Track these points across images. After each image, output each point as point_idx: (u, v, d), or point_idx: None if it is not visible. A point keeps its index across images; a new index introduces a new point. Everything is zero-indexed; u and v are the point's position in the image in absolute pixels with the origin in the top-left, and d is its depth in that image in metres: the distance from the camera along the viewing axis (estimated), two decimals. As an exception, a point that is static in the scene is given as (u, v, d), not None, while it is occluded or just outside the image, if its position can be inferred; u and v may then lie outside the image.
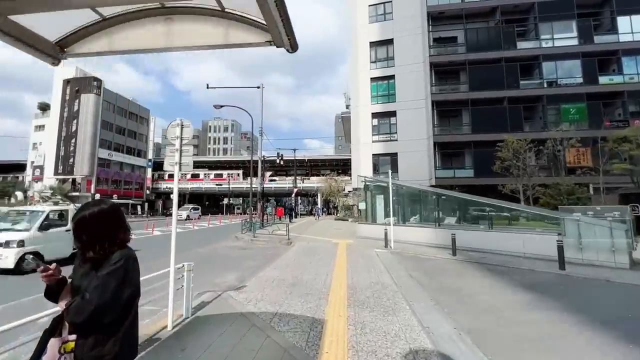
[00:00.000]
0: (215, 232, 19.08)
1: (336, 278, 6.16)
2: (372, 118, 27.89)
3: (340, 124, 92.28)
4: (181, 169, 3.94)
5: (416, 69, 26.97)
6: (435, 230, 10.29)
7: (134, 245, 3.43)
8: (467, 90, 24.99)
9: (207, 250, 10.77)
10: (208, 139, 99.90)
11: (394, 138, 27.15)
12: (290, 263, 7.92)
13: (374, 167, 27.27)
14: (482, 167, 23.40)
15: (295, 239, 13.23)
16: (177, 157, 3.85)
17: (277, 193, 57.30)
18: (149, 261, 8.02)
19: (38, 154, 44.18)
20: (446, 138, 25.28)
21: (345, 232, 16.82)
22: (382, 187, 13.34)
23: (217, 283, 6.32)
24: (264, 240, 12.88)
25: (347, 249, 10.27)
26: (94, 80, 42.48)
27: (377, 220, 12.58)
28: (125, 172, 47.53)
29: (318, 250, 10.01)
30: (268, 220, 24.46)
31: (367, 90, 28.35)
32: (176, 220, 3.90)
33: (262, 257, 9.42)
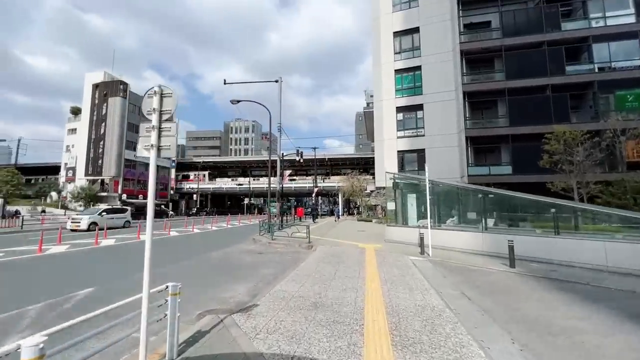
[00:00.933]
0: (232, 233, 18.35)
1: (370, 296, 4.90)
2: (396, 112, 26.21)
3: (361, 122, 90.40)
4: (160, 154, 2.88)
5: (445, 58, 24.99)
6: (481, 234, 8.71)
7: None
8: (504, 79, 22.72)
9: (220, 255, 9.86)
10: (230, 140, 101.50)
11: (420, 133, 25.32)
12: (312, 273, 6.74)
13: (400, 165, 25.59)
14: (522, 163, 21.12)
15: (316, 242, 12.06)
16: (154, 138, 2.78)
17: (298, 193, 56.64)
18: (163, 266, 7.14)
19: (70, 156, 46.23)
20: (480, 132, 23.13)
21: (370, 234, 15.45)
22: (413, 185, 11.88)
23: (224, 299, 5.26)
24: (283, 243, 11.82)
25: (376, 255, 8.95)
26: (120, 83, 43.78)
27: (409, 222, 11.13)
28: (150, 173, 48.66)
29: (343, 257, 8.77)
30: (287, 220, 23.51)
31: (391, 83, 26.71)
32: (151, 227, 2.82)
33: (280, 264, 8.34)
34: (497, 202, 9.23)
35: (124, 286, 5.96)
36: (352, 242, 12.01)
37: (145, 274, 2.66)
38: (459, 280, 6.02)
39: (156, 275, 7.13)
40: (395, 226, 11.38)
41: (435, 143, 24.38)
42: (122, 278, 6.73)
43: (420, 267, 7.10)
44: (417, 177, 12.12)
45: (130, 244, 12.63)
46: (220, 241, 13.90)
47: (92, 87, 44.73)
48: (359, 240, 12.70)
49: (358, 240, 12.70)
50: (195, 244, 12.84)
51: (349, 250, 9.90)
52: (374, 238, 13.41)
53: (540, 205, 8.25)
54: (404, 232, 10.95)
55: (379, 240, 12.58)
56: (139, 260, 9.02)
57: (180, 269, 7.66)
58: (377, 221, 24.80)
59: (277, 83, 18.16)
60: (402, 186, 11.76)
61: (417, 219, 10.88)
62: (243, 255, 9.91)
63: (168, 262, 8.50)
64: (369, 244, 11.33)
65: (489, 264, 7.39)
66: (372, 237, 13.73)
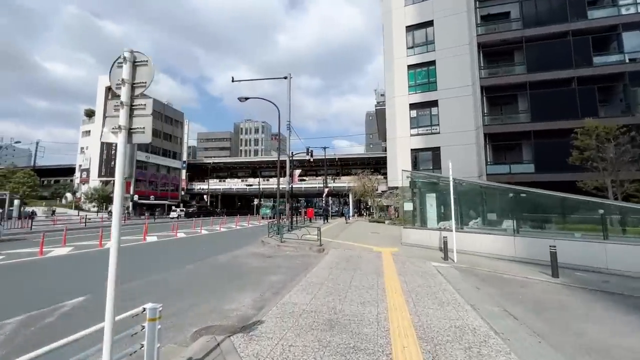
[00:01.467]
0: (241, 235, 17.85)
1: (394, 312, 4.17)
2: (410, 109, 25.25)
3: (371, 121, 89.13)
4: (132, 139, 2.25)
5: (461, 52, 23.90)
6: (512, 238, 7.81)
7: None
8: (525, 72, 21.50)
9: (227, 259, 9.27)
10: (240, 141, 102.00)
11: (435, 131, 24.28)
12: (324, 281, 6.05)
13: (413, 164, 24.61)
14: (546, 160, 19.88)
15: (328, 245, 11.36)
16: (124, 118, 2.15)
17: (307, 193, 56.07)
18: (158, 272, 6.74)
19: (85, 158, 47.05)
20: (499, 128, 21.96)
21: (384, 236, 14.63)
22: (432, 184, 11.03)
23: (227, 312, 4.63)
24: (293, 246, 11.17)
25: (394, 260, 8.18)
26: (132, 85, 44.23)
27: (428, 223, 10.29)
28: (161, 174, 49.07)
29: (358, 262, 8.04)
30: (297, 221, 22.88)
31: (403, 79, 25.77)
32: (118, 229, 2.19)
33: (289, 270, 7.68)
34: (531, 202, 8.30)
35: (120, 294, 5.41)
36: (366, 245, 11.25)
37: (108, 294, 2.02)
38: (495, 292, 5.20)
39: (155, 283, 6.61)
40: (413, 228, 10.56)
41: (451, 141, 23.31)
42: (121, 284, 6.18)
43: (446, 275, 6.30)
44: (437, 176, 11.26)
45: (135, 245, 12.24)
46: (227, 243, 13.37)
47: (104, 89, 45.37)
48: (373, 243, 11.92)
49: (372, 243, 11.93)
50: (202, 247, 12.34)
51: (363, 255, 9.15)
52: (388, 241, 12.60)
53: (582, 205, 7.31)
54: (422, 234, 10.12)
55: (394, 243, 11.77)
56: (142, 263, 8.49)
57: (182, 275, 7.09)
58: (390, 222, 23.90)
59: (286, 80, 17.60)
60: (419, 185, 10.93)
61: (437, 221, 10.03)
62: (250, 259, 9.30)
63: (171, 267, 7.97)
64: (385, 247, 10.55)
65: (526, 273, 6.52)
66: (386, 240, 12.93)
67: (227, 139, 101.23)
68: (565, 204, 7.66)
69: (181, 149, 54.21)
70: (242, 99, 15.86)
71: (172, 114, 52.44)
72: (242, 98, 15.89)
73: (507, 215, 8.49)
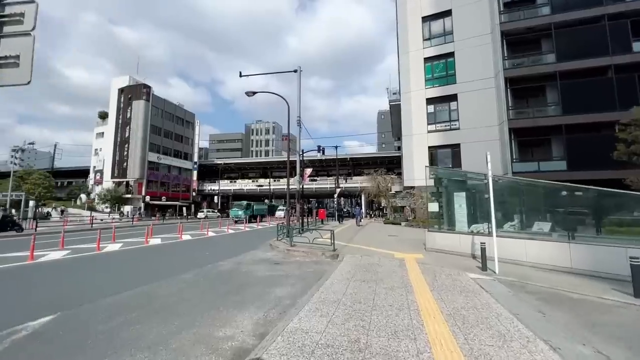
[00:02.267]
0: (249, 237, 16.97)
1: (440, 351, 3.05)
2: (427, 104, 23.88)
3: (383, 121, 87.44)
4: None
5: (482, 42, 22.40)
6: (567, 245, 6.50)
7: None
8: (554, 61, 19.82)
9: (230, 266, 8.31)
10: (251, 142, 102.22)
11: (455, 126, 22.82)
12: (341, 297, 4.97)
13: (431, 162, 23.22)
14: (580, 157, 18.15)
15: (342, 249, 10.27)
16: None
17: (319, 194, 55.03)
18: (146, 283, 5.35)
19: (98, 159, 47.60)
20: (525, 123, 20.31)
21: (403, 240, 13.40)
22: (461, 182, 9.77)
23: (218, 341, 3.61)
24: (304, 251, 10.13)
25: (421, 270, 7.02)
26: (143, 87, 44.43)
27: (457, 226, 9.04)
28: (172, 175, 49.11)
29: (379, 271, 6.92)
30: (308, 223, 21.86)
31: (420, 72, 24.43)
32: None
33: (300, 280, 6.64)
34: (588, 202, 6.95)
35: (97, 313, 4.51)
36: (385, 250, 10.09)
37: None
38: (569, 320, 3.98)
39: (142, 297, 5.44)
40: (439, 232, 9.33)
41: (472, 137, 21.81)
42: (103, 297, 5.30)
43: (492, 292, 5.10)
44: (470, 172, 10.02)
45: (135, 249, 11.48)
46: (234, 247, 12.46)
47: (117, 91, 45.78)
48: (393, 247, 10.74)
49: (391, 247, 10.75)
50: (206, 251, 11.46)
51: (384, 262, 8.00)
52: (409, 245, 11.39)
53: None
54: (450, 239, 8.88)
55: (416, 247, 10.56)
56: (137, 270, 7.57)
57: (175, 286, 6.15)
58: (406, 224, 22.56)
59: (296, 76, 16.65)
60: (446, 183, 9.68)
61: (467, 224, 8.77)
62: (256, 266, 8.30)
63: (166, 275, 7.06)
64: (407, 252, 9.36)
65: (596, 290, 5.23)
66: (407, 244, 11.71)
67: (239, 140, 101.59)
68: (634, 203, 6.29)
69: (192, 149, 54.22)
70: (249, 94, 15.00)
71: (183, 115, 52.51)
72: (250, 92, 15.02)
73: (557, 217, 7.18)
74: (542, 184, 7.75)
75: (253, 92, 15.06)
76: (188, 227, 23.86)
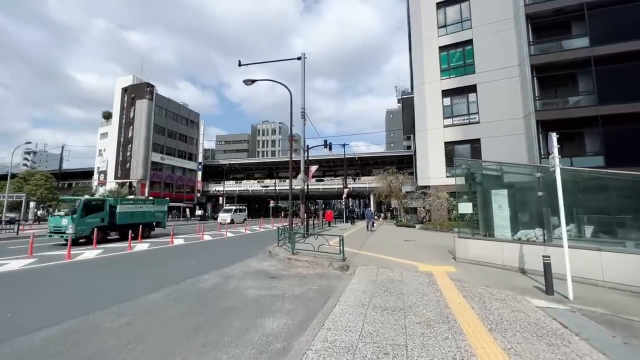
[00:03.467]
0: (248, 241, 15.44)
1: None
2: (442, 97, 22.02)
3: (391, 120, 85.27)
4: None
5: (504, 27, 20.46)
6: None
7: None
8: (588, 45, 17.74)
9: (215, 281, 6.74)
10: (257, 143, 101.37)
11: (474, 120, 20.91)
12: (356, 340, 3.35)
13: (448, 159, 21.31)
14: (622, 151, 16.04)
15: (353, 258, 8.61)
16: None
17: (326, 195, 53.40)
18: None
19: (102, 160, 46.96)
20: (554, 114, 18.27)
21: (422, 245, 11.64)
22: (498, 177, 8.00)
23: None
24: (307, 260, 8.51)
25: (460, 290, 5.31)
26: (147, 86, 43.59)
27: (496, 232, 7.29)
28: (176, 175, 48.15)
29: (404, 292, 5.27)
30: (314, 225, 20.23)
31: (434, 63, 22.59)
32: None
33: (299, 305, 5.03)
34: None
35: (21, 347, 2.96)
36: (405, 259, 8.38)
37: None
38: None
39: (73, 334, 3.46)
40: (473, 238, 7.58)
41: (494, 131, 19.87)
42: (22, 334, 3.77)
43: (588, 337, 3.37)
44: (512, 164, 8.27)
45: (113, 257, 10.04)
46: (228, 254, 10.92)
47: (121, 91, 45.10)
48: (414, 256, 9.02)
49: (412, 256, 9.03)
50: (194, 258, 9.94)
51: (408, 278, 6.31)
52: (432, 253, 9.65)
53: None
54: (489, 248, 7.13)
55: (441, 256, 8.82)
56: (100, 288, 5.80)
57: (130, 315, 4.59)
58: (421, 227, 20.71)
59: (300, 66, 15.09)
60: (480, 179, 7.94)
61: (511, 228, 7.00)
62: (247, 281, 6.71)
63: (130, 294, 5.54)
64: (433, 264, 7.64)
65: None
66: (428, 251, 9.97)
67: (245, 141, 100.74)
68: None
69: (197, 150, 53.24)
70: (248, 82, 13.50)
71: (188, 115, 51.59)
72: (249, 81, 13.52)
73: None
74: (621, 176, 5.95)
75: (252, 80, 13.56)
76: (186, 229, 22.53)
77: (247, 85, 13.68)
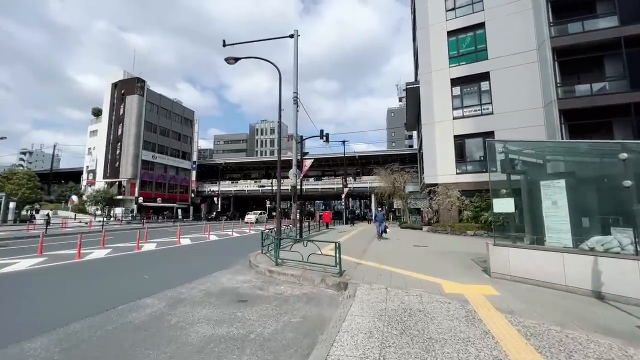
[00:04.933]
0: (230, 246, 13.49)
1: None
2: (451, 86, 20.06)
3: (392, 119, 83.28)
4: None
5: (520, 8, 18.53)
6: None
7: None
8: (616, 25, 15.78)
9: (155, 310, 4.75)
10: (256, 142, 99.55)
11: (487, 110, 18.94)
12: None
13: (458, 153, 19.36)
14: (660, 142, 13.97)
15: (352, 271, 6.65)
16: None
17: (325, 195, 51.39)
18: None
19: (91, 159, 45.06)
20: (579, 103, 16.30)
21: (438, 252, 9.65)
22: (543, 165, 6.01)
23: None
24: (293, 274, 6.53)
25: (522, 336, 3.31)
26: (137, 81, 41.72)
27: (548, 237, 5.30)
28: (169, 175, 46.18)
29: (434, 338, 3.32)
30: (310, 228, 18.24)
31: (442, 49, 20.64)
32: None
33: (269, 356, 3.03)
34: None
35: None
36: (422, 274, 6.39)
37: None
38: None
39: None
40: (516, 247, 5.58)
41: (510, 122, 17.89)
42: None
43: None
44: (576, 142, 6.32)
45: (54, 267, 8.06)
46: (198, 263, 8.94)
47: (111, 86, 43.24)
48: (432, 268, 7.03)
49: (429, 268, 7.04)
50: (151, 270, 7.95)
51: (434, 309, 4.31)
52: (453, 262, 7.66)
53: None
54: (542, 260, 5.14)
55: (466, 267, 6.84)
56: (64, 299, 3.87)
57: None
58: (429, 229, 18.71)
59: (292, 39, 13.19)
60: (522, 167, 5.98)
61: (573, 233, 5.02)
62: (203, 308, 4.73)
63: (14, 338, 3.55)
64: (463, 281, 5.66)
65: None
66: (448, 260, 7.98)
67: (244, 141, 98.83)
68: None
69: (191, 148, 51.30)
70: (230, 60, 11.59)
71: (182, 112, 49.67)
72: (231, 59, 11.60)
73: None
74: None
75: (234, 59, 11.62)
76: (167, 232, 20.52)
77: (229, 64, 11.75)
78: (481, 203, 16.13)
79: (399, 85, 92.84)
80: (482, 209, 15.90)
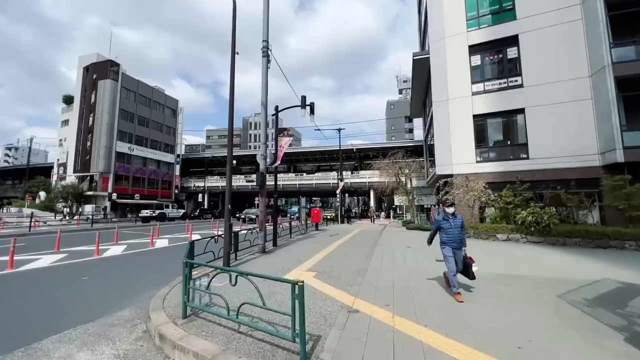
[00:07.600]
0: (165, 260, 9.66)
1: None
2: (470, 55, 16.26)
3: (392, 111, 79.27)
4: None
5: (558, -48, 14.69)
6: None
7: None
8: (693, -35, 12.01)
9: None
10: (249, 137, 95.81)
11: (515, 83, 15.18)
12: None
13: (478, 137, 15.64)
14: None
15: (336, 338, 2.87)
16: None
17: (320, 191, 47.58)
18: None
19: (62, 152, 40.97)
20: (637, 68, 12.59)
21: (503, 277, 5.89)
22: None
23: None
24: (205, 349, 2.75)
25: None
26: (111, 64, 37.52)
27: None
28: (149, 169, 42.13)
29: None
30: (291, 231, 14.48)
31: (459, 9, 16.82)
32: None
33: None
34: None
35: None
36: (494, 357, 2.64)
37: None
38: None
39: None
40: None
41: (545, 97, 14.18)
42: None
43: None
44: None
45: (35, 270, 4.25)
46: (66, 300, 5.16)
47: (82, 70, 39.04)
48: (518, 335, 3.28)
49: (513, 335, 3.29)
50: None
51: None
52: (546, 310, 3.93)
53: None
54: None
55: (581, 326, 3.13)
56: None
57: None
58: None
59: None
60: None
61: None
62: None
63: None
64: None
65: None
66: (539, 306, 4.25)
67: (237, 135, 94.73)
68: None
69: (175, 140, 47.22)
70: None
71: (163, 101, 45.51)
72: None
73: None
74: None
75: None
76: (110, 236, 16.67)
77: None
78: (514, 198, 12.45)
79: (399, 77, 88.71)
80: (515, 205, 12.22)
